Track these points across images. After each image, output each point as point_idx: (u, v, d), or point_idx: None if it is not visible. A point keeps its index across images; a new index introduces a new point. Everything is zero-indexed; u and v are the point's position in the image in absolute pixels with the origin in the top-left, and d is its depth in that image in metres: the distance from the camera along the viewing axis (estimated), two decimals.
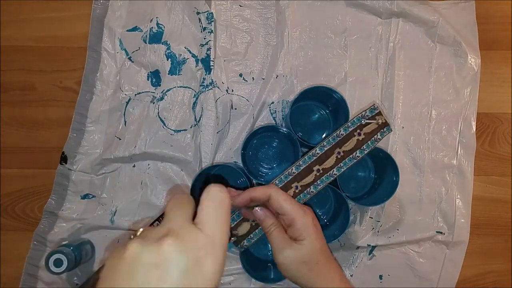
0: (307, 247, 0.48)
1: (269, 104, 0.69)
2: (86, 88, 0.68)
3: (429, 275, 0.70)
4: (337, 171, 0.61)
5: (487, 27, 0.72)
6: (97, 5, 0.69)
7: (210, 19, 0.67)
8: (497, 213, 0.72)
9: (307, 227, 0.48)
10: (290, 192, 0.60)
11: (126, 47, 0.68)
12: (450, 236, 0.69)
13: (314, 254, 0.48)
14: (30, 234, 0.66)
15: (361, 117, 0.62)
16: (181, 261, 0.27)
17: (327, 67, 0.70)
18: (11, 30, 0.70)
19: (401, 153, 0.70)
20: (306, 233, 0.48)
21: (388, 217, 0.69)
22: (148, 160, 0.69)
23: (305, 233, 0.48)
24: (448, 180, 0.70)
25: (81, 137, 0.67)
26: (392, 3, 0.68)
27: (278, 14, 0.69)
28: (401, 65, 0.70)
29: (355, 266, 0.69)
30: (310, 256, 0.48)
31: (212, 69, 0.67)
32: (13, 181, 0.69)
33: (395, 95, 0.69)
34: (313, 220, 0.49)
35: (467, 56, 0.70)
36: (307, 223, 0.48)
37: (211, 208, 0.32)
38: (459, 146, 0.70)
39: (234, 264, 0.67)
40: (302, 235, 0.48)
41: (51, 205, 0.66)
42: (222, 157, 0.68)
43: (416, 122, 0.70)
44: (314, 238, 0.48)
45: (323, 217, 0.69)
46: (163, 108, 0.68)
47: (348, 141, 0.61)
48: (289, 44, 0.69)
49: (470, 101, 0.70)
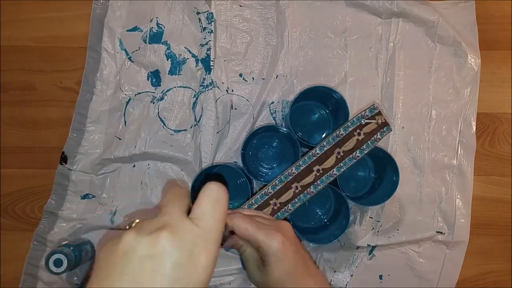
0: (270, 273, 0.46)
1: (269, 104, 0.69)
2: (86, 88, 0.68)
3: (429, 275, 0.70)
4: (337, 171, 0.61)
5: (487, 27, 0.72)
6: (97, 5, 0.69)
7: (210, 19, 0.67)
8: (497, 213, 0.72)
9: (270, 255, 0.45)
10: (290, 193, 0.60)
11: (126, 47, 0.68)
12: (450, 236, 0.69)
13: (278, 281, 0.46)
14: (30, 234, 0.66)
15: (360, 117, 0.62)
16: (176, 254, 0.27)
17: (327, 67, 0.70)
18: (11, 30, 0.70)
19: (401, 153, 0.70)
20: (269, 260, 0.46)
21: (388, 217, 0.69)
22: (148, 160, 0.69)
23: (269, 260, 0.46)
24: (448, 180, 0.70)
25: (81, 137, 0.67)
26: (392, 3, 0.68)
27: (278, 14, 0.69)
28: (401, 65, 0.70)
29: (355, 266, 0.69)
30: (274, 283, 0.46)
31: (212, 69, 0.67)
32: (13, 181, 0.69)
33: (395, 95, 0.69)
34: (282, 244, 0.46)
35: (467, 56, 0.70)
36: (271, 250, 0.45)
37: (208, 204, 0.32)
38: (459, 146, 0.70)
39: (234, 264, 0.67)
40: (266, 261, 0.46)
41: (51, 205, 0.66)
42: (222, 157, 0.68)
43: (416, 122, 0.70)
44: (278, 265, 0.46)
45: (323, 217, 0.69)
46: (163, 108, 0.68)
47: (348, 141, 0.61)
48: (289, 44, 0.69)
49: (470, 101, 0.70)
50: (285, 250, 0.46)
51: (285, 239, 0.47)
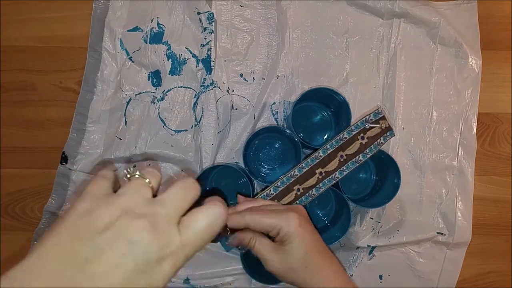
0: (292, 254, 0.46)
1: (270, 104, 0.68)
2: (87, 88, 0.67)
3: (429, 275, 0.70)
4: (339, 174, 0.61)
5: (487, 27, 0.72)
6: (97, 5, 0.68)
7: (210, 19, 0.67)
8: (497, 213, 0.72)
9: (290, 234, 0.46)
10: (291, 195, 0.60)
11: (127, 47, 0.68)
12: (451, 237, 0.69)
13: (300, 260, 0.46)
14: (30, 234, 0.66)
15: (364, 121, 0.62)
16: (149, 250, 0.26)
17: (328, 67, 0.70)
18: (11, 30, 0.69)
19: (402, 154, 0.70)
20: (290, 239, 0.46)
21: (388, 218, 0.69)
22: (149, 161, 0.68)
23: (289, 239, 0.46)
24: (449, 181, 0.70)
25: (81, 137, 0.67)
26: (394, 4, 0.68)
27: (279, 15, 0.69)
28: (402, 66, 0.70)
29: (355, 266, 0.69)
30: (296, 262, 0.46)
31: (212, 69, 0.67)
32: (13, 181, 0.69)
33: (396, 96, 0.69)
34: (299, 222, 0.47)
35: (468, 58, 0.70)
36: (291, 229, 0.46)
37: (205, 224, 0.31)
38: (460, 148, 0.70)
39: (234, 264, 0.67)
40: (287, 241, 0.46)
41: (51, 205, 0.66)
42: (223, 158, 0.68)
43: (417, 123, 0.70)
44: (298, 243, 0.46)
45: (324, 219, 0.69)
46: (164, 108, 0.68)
47: (351, 144, 0.61)
48: (290, 45, 0.69)
49: (471, 102, 0.70)
50: (304, 226, 0.47)
51: (301, 217, 0.48)
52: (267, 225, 0.46)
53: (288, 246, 0.46)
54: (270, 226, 0.46)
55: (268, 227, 0.46)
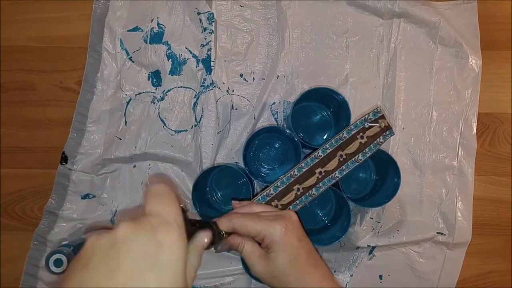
0: (275, 262, 0.46)
1: (270, 104, 0.68)
2: (87, 88, 0.67)
3: (429, 275, 0.70)
4: (339, 173, 0.61)
5: (487, 27, 0.72)
6: (97, 5, 0.68)
7: (210, 19, 0.67)
8: (497, 213, 0.72)
9: (273, 243, 0.46)
10: (291, 194, 0.60)
11: (127, 47, 0.68)
12: (451, 237, 0.69)
13: (282, 269, 0.46)
14: (30, 234, 0.66)
15: (364, 120, 0.62)
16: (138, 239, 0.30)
17: (328, 67, 0.70)
18: (11, 30, 0.69)
19: (402, 154, 0.70)
20: (272, 248, 0.46)
21: (388, 218, 0.69)
22: (149, 161, 0.69)
23: (272, 248, 0.46)
24: (449, 181, 0.70)
25: (81, 137, 0.67)
26: (394, 4, 0.68)
27: (279, 15, 0.69)
28: (402, 66, 0.70)
29: (355, 266, 0.69)
30: (279, 271, 0.46)
31: (212, 69, 0.67)
32: (13, 181, 0.69)
33: (396, 96, 0.69)
34: (284, 231, 0.46)
35: (468, 58, 0.70)
36: (274, 238, 0.46)
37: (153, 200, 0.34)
38: (460, 148, 0.70)
39: (234, 264, 0.67)
40: (270, 249, 0.47)
41: (51, 205, 0.66)
42: (223, 158, 0.68)
43: (417, 123, 0.70)
44: (281, 252, 0.46)
45: (324, 218, 0.69)
46: (164, 109, 0.68)
47: (350, 144, 0.61)
48: (290, 45, 0.69)
49: (471, 102, 0.70)
50: (288, 236, 0.47)
51: (288, 226, 0.47)
52: (252, 230, 0.47)
53: (272, 254, 0.47)
54: (254, 232, 0.47)
55: (253, 233, 0.47)
